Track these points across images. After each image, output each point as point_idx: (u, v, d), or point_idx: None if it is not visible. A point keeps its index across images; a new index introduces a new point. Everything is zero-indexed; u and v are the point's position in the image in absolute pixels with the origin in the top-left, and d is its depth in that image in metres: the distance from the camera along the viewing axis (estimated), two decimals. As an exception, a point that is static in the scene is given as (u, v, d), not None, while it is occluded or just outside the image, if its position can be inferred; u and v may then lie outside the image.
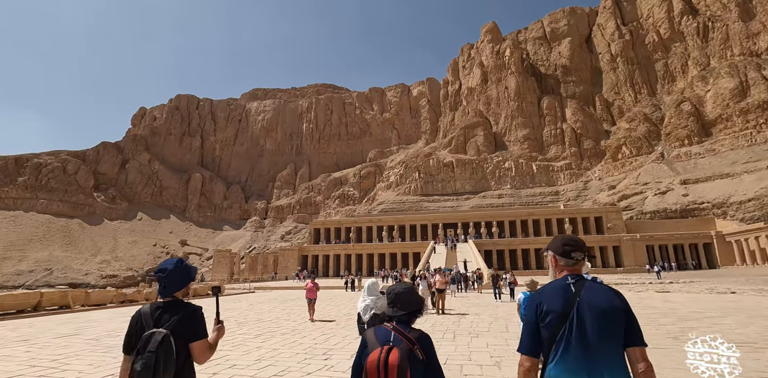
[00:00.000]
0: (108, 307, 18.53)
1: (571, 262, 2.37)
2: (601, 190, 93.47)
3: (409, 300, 2.58)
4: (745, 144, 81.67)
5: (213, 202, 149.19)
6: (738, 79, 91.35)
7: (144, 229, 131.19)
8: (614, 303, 2.15)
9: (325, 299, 22.76)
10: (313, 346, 8.21)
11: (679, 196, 70.68)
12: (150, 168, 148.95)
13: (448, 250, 50.06)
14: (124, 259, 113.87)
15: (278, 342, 8.86)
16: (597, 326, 2.08)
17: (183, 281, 2.65)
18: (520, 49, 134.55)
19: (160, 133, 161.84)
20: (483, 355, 6.88)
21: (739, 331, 8.46)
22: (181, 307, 2.53)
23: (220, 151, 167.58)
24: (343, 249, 66.91)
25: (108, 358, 7.49)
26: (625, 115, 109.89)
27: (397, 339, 2.32)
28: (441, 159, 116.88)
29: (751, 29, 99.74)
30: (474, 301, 19.60)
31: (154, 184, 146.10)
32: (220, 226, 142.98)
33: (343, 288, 32.58)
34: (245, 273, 68.43)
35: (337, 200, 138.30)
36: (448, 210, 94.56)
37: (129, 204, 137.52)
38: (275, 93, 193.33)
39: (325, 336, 9.65)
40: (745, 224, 55.52)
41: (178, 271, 2.64)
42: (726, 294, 17.20)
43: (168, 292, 2.60)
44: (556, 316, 2.14)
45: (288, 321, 12.69)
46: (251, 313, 15.04)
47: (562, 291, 2.24)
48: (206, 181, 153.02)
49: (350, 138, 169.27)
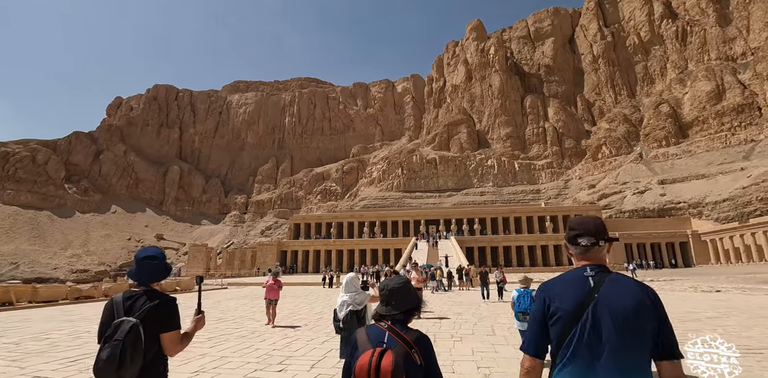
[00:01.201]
0: (60, 304, 17.04)
1: (580, 250, 1.99)
2: (581, 188, 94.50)
3: (406, 297, 2.28)
4: (720, 146, 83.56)
5: (191, 196, 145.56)
6: (714, 82, 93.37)
7: (118, 222, 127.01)
8: (641, 302, 1.76)
9: (300, 296, 21.70)
10: (269, 353, 7.14)
11: (657, 196, 71.80)
12: (125, 159, 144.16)
13: (429, 247, 49.47)
14: (96, 254, 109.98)
15: (230, 347, 7.79)
16: (616, 331, 1.72)
17: (164, 273, 2.57)
18: (505, 47, 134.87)
19: (137, 124, 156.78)
20: (468, 366, 5.86)
21: (746, 335, 7.84)
22: (155, 296, 2.42)
23: (199, 144, 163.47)
24: (324, 244, 65.71)
25: (14, 368, 6.20)
26: (605, 116, 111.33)
27: (392, 340, 2.05)
28: (424, 155, 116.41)
29: (727, 34, 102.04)
30: (456, 299, 18.79)
31: (129, 176, 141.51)
32: (199, 220, 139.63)
33: (320, 284, 31.55)
34: (222, 268, 66.54)
35: (319, 195, 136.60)
36: (431, 206, 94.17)
37: (102, 196, 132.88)
38: (257, 86, 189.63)
39: (287, 340, 8.65)
40: (720, 224, 56.63)
41: (164, 261, 2.58)
42: (711, 293, 16.92)
43: (147, 281, 2.50)
44: (565, 315, 1.81)
45: (252, 321, 11.54)
46: (215, 312, 13.86)
47: (577, 284, 1.88)
48: (185, 173, 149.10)
49: (333, 133, 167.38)
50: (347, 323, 4.91)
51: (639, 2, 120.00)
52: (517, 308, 6.46)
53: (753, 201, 56.46)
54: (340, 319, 5.00)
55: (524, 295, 6.53)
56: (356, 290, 5.09)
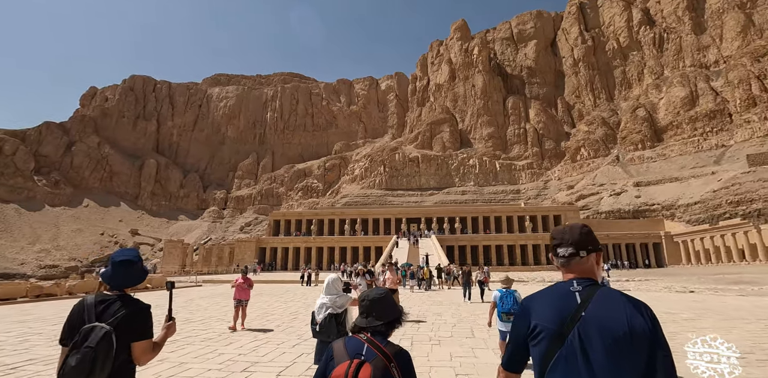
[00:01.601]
0: (18, 302, 16.06)
1: (561, 262, 1.80)
2: (560, 189, 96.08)
3: (387, 308, 2.20)
4: (692, 150, 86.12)
5: (168, 190, 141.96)
6: (689, 88, 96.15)
7: (91, 216, 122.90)
8: (636, 323, 1.54)
9: (276, 294, 21.16)
10: (234, 359, 6.61)
11: (632, 198, 73.53)
12: (99, 152, 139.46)
13: (410, 246, 49.36)
14: (66, 249, 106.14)
15: (192, 352, 7.15)
16: (607, 354, 1.52)
17: (140, 277, 2.46)
18: (488, 48, 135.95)
19: (112, 115, 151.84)
20: (446, 373, 5.53)
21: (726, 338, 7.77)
22: (130, 303, 2.32)
23: (177, 137, 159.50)
24: (304, 242, 64.92)
25: None
26: (584, 118, 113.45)
27: (371, 353, 1.97)
28: (407, 154, 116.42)
29: (701, 42, 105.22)
30: (436, 298, 18.57)
31: (103, 168, 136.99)
32: (176, 215, 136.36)
33: (299, 282, 30.99)
34: (198, 265, 65.00)
35: (300, 192, 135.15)
36: (412, 205, 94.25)
37: (74, 189, 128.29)
38: (239, 79, 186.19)
39: (256, 343, 8.11)
40: (692, 226, 58.34)
41: (140, 266, 2.45)
42: (685, 293, 17.19)
43: (120, 286, 2.39)
44: (549, 335, 1.62)
45: (221, 322, 10.91)
46: (183, 312, 13.20)
47: (563, 300, 1.68)
48: (162, 167, 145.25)
49: (316, 129, 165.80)
50: (325, 327, 4.65)
51: (619, 8, 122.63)
52: (500, 309, 6.37)
53: (723, 204, 58.34)
54: (317, 322, 4.71)
55: (506, 296, 6.43)
56: (337, 293, 4.82)
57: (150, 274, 10.68)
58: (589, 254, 1.77)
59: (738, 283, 20.88)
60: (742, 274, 28.28)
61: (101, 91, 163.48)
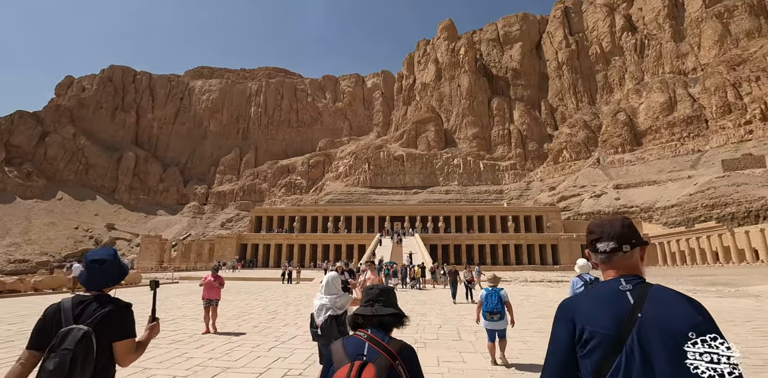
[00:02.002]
0: (-23, 298, 15.13)
1: (602, 258, 1.63)
2: (542, 190, 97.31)
3: (395, 299, 2.13)
4: (670, 154, 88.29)
5: (147, 184, 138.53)
6: (667, 94, 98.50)
7: (65, 210, 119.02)
8: (697, 322, 1.36)
9: (256, 292, 20.60)
10: (203, 364, 6.05)
11: (612, 200, 74.94)
12: (75, 143, 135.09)
13: (394, 244, 49.12)
14: (38, 243, 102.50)
15: (158, 356, 6.53)
16: (670, 360, 1.32)
17: (118, 276, 2.37)
18: (474, 49, 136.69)
19: (89, 106, 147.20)
20: (435, 380, 5.27)
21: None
22: (109, 302, 2.23)
23: (158, 130, 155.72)
24: (286, 238, 64.04)
25: None
26: (567, 121, 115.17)
27: (373, 351, 1.81)
28: (392, 152, 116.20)
29: (681, 50, 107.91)
30: (420, 297, 18.31)
31: (79, 161, 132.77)
32: (154, 210, 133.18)
33: (280, 280, 30.39)
34: (176, 261, 63.45)
35: (283, 188, 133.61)
36: (396, 203, 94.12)
37: (48, 182, 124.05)
38: (223, 73, 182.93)
39: (229, 345, 7.52)
40: (668, 228, 59.74)
41: (116, 264, 2.35)
42: (666, 294, 17.37)
43: (97, 286, 2.29)
44: (604, 342, 1.41)
45: (194, 322, 10.32)
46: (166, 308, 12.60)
47: (614, 301, 1.48)
48: (140, 160, 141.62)
49: (300, 125, 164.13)
50: (326, 330, 4.38)
51: (602, 14, 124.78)
52: (485, 307, 6.35)
53: (698, 207, 59.92)
54: (318, 324, 4.43)
55: (492, 294, 6.42)
56: (338, 292, 4.55)
57: (216, 270, 10.14)
58: (633, 249, 1.61)
59: (714, 284, 21.26)
60: (717, 276, 28.94)
61: (78, 80, 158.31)
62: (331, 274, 4.82)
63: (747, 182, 58.47)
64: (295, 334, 8.92)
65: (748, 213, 52.83)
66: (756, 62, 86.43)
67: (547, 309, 13.57)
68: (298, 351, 7.08)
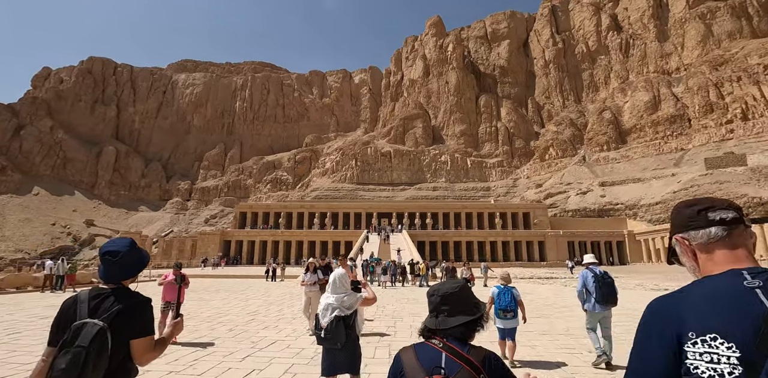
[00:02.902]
0: (-65, 299, 14.01)
1: (716, 233, 1.16)
2: (528, 187, 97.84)
3: (463, 304, 1.75)
4: (654, 153, 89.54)
5: (128, 180, 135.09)
6: (652, 93, 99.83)
7: (41, 205, 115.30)
8: None
9: (237, 291, 19.75)
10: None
11: (598, 197, 75.63)
12: (52, 137, 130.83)
13: (381, 241, 48.56)
14: (12, 239, 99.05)
15: None
16: None
17: (136, 267, 2.24)
18: (462, 45, 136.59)
19: (67, 99, 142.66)
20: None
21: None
22: (127, 296, 2.12)
23: (139, 124, 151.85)
24: (271, 235, 62.93)
25: None
26: (553, 119, 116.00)
27: (453, 364, 1.56)
28: (379, 148, 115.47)
29: (665, 50, 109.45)
30: (410, 295, 17.75)
31: (56, 155, 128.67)
32: (136, 206, 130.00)
33: (263, 277, 29.52)
34: (157, 259, 61.78)
35: (269, 184, 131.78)
36: (384, 200, 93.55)
37: (23, 176, 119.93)
38: (207, 66, 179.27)
39: (196, 354, 6.54)
40: (653, 225, 60.47)
41: (134, 254, 2.22)
42: (661, 291, 17.18)
43: (114, 279, 2.17)
44: (736, 356, 0.96)
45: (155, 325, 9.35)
46: None
47: (738, 302, 1.02)
48: (121, 155, 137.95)
49: (287, 121, 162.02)
50: (332, 332, 3.95)
51: (588, 13, 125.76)
52: (498, 305, 6.32)
53: (682, 204, 60.74)
54: (323, 326, 4.02)
55: (505, 292, 6.42)
56: (346, 291, 4.19)
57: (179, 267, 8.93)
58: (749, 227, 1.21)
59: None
60: (705, 273, 29.11)
61: (56, 72, 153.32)
62: (338, 272, 4.38)
63: (730, 180, 59.52)
64: (275, 339, 8.12)
65: (730, 210, 53.73)
66: (737, 63, 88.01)
67: (545, 308, 13.14)
68: (277, 361, 6.31)
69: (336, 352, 3.95)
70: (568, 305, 13.74)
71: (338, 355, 3.96)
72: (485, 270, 24.33)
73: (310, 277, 9.61)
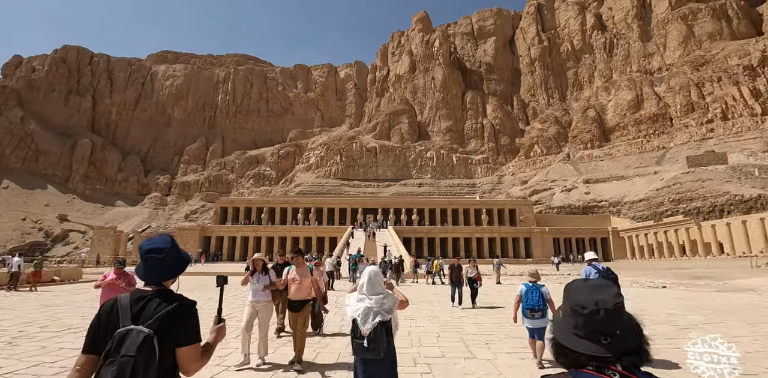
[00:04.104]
0: None
1: None
2: (513, 184, 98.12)
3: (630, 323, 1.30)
4: (636, 151, 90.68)
5: (104, 174, 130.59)
6: (635, 92, 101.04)
7: (10, 199, 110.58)
8: None
9: (211, 289, 18.34)
10: None
11: (582, 194, 76.12)
12: (23, 128, 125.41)
13: (367, 238, 47.57)
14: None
15: None
16: None
17: (179, 267, 2.12)
18: (449, 42, 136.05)
19: (40, 88, 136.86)
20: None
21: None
22: (172, 299, 1.97)
23: (116, 116, 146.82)
24: (253, 231, 61.26)
25: None
26: (538, 116, 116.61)
27: None
28: (364, 144, 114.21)
29: (647, 50, 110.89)
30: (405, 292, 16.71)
31: (27, 147, 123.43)
32: (112, 201, 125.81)
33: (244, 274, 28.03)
34: (133, 255, 59.43)
35: (252, 180, 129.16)
36: (369, 195, 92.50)
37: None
38: (188, 58, 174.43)
39: None
40: (636, 222, 61.05)
41: (178, 252, 2.10)
42: (658, 288, 16.64)
43: (157, 279, 2.04)
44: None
45: None
46: (74, 316, 10.23)
47: None
48: (97, 148, 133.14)
49: (270, 115, 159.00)
50: (375, 341, 3.37)
51: (573, 12, 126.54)
52: (525, 304, 6.09)
53: (665, 202, 61.49)
54: (365, 334, 3.40)
55: (533, 290, 6.15)
56: (383, 292, 3.63)
57: (122, 264, 7.27)
58: None
59: (698, 277, 20.96)
60: (695, 269, 29.01)
61: (28, 60, 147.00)
62: (372, 269, 3.71)
63: (711, 178, 60.40)
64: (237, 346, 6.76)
65: (713, 207, 54.52)
66: (718, 63, 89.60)
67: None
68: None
69: (377, 363, 3.45)
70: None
71: (379, 366, 3.46)
72: (498, 266, 23.20)
73: (260, 280, 6.58)
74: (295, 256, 6.63)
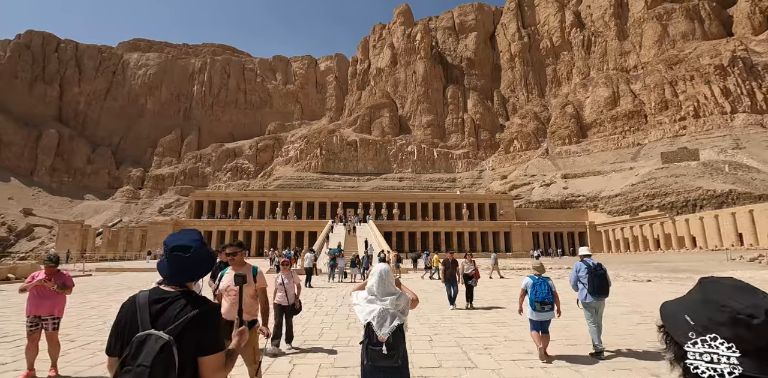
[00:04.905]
0: None
1: None
2: (493, 179, 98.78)
3: None
4: (612, 147, 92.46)
5: (73, 166, 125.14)
6: (611, 89, 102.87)
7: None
8: None
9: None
10: None
11: (560, 189, 77.14)
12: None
13: (347, 233, 46.75)
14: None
15: None
16: None
17: (206, 266, 1.92)
18: (431, 36, 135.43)
19: (1, 75, 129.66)
20: None
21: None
22: (195, 302, 1.77)
23: (85, 106, 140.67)
24: (230, 225, 59.59)
25: None
26: (518, 112, 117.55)
27: None
28: (345, 137, 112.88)
29: (624, 48, 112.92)
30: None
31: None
32: (81, 194, 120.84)
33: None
34: (102, 250, 57.03)
35: (229, 173, 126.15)
36: (349, 189, 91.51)
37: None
38: (162, 47, 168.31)
39: None
40: (612, 216, 62.20)
41: (206, 250, 1.90)
42: (644, 282, 16.54)
43: (181, 279, 1.85)
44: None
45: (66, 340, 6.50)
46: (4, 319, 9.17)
47: None
48: (65, 139, 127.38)
49: (248, 107, 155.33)
50: (395, 347, 3.00)
51: (553, 9, 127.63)
52: (533, 297, 6.02)
53: (640, 197, 62.83)
54: (382, 339, 2.97)
55: (541, 283, 6.10)
56: (396, 292, 3.22)
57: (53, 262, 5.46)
58: None
59: (679, 271, 21.14)
60: (674, 263, 29.42)
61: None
62: (383, 267, 3.21)
63: (685, 173, 61.95)
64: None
65: (686, 202, 55.95)
66: (690, 62, 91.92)
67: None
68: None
69: (394, 372, 2.96)
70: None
71: (396, 375, 2.97)
72: (495, 260, 23.17)
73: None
74: (237, 250, 4.50)
